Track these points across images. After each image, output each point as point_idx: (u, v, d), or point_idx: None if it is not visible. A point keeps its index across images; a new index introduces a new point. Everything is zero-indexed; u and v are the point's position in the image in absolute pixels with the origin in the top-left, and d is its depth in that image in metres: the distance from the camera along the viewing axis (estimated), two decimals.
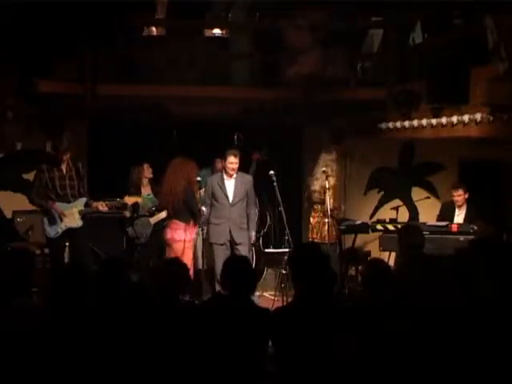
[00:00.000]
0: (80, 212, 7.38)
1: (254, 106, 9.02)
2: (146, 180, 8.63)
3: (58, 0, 7.67)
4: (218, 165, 8.44)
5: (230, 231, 7.66)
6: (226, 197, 7.72)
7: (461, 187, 8.58)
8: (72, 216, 7.36)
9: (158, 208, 8.38)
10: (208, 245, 7.80)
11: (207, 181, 7.83)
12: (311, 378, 3.84)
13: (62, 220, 7.36)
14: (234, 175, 7.74)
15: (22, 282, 4.16)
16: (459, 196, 8.53)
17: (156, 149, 9.28)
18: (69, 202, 7.38)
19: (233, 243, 7.68)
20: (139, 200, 8.07)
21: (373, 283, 4.28)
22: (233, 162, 7.67)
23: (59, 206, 7.34)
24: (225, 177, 7.75)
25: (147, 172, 8.54)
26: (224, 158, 7.74)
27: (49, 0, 7.64)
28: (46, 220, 7.41)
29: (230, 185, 7.75)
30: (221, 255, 7.47)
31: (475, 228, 8.08)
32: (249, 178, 7.97)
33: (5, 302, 4.08)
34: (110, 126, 9.23)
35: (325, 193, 8.13)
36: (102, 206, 7.51)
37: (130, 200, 7.85)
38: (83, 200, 7.45)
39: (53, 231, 7.37)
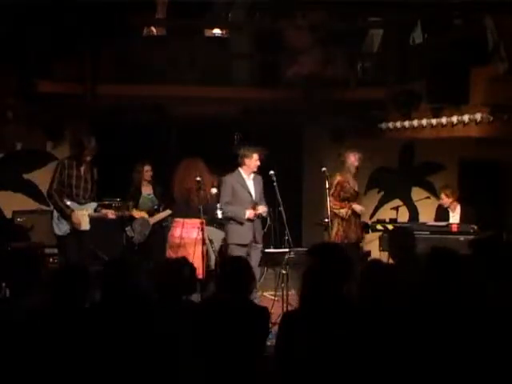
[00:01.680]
0: (89, 215, 7.39)
1: (254, 105, 9.01)
2: (146, 180, 8.62)
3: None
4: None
5: (254, 231, 7.55)
6: (250, 195, 7.60)
7: (447, 189, 8.54)
8: (82, 218, 7.35)
9: (158, 208, 8.39)
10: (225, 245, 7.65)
11: (225, 180, 7.60)
12: (311, 378, 3.84)
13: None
14: (252, 175, 7.64)
15: (27, 282, 4.16)
16: (447, 198, 8.50)
17: (156, 149, 9.28)
18: (79, 203, 7.35)
19: (253, 242, 7.53)
20: (146, 216, 8.23)
21: (373, 283, 4.28)
22: (258, 159, 7.55)
23: (75, 209, 7.31)
24: (244, 176, 7.61)
25: (146, 175, 8.51)
26: (247, 156, 7.54)
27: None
28: (55, 216, 7.36)
29: (250, 184, 7.62)
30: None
31: (475, 228, 8.07)
32: (260, 177, 7.78)
33: (9, 301, 4.10)
34: (110, 126, 9.23)
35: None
36: (111, 214, 7.58)
37: (138, 214, 8.09)
38: (94, 204, 7.48)
39: (62, 228, 7.35)
